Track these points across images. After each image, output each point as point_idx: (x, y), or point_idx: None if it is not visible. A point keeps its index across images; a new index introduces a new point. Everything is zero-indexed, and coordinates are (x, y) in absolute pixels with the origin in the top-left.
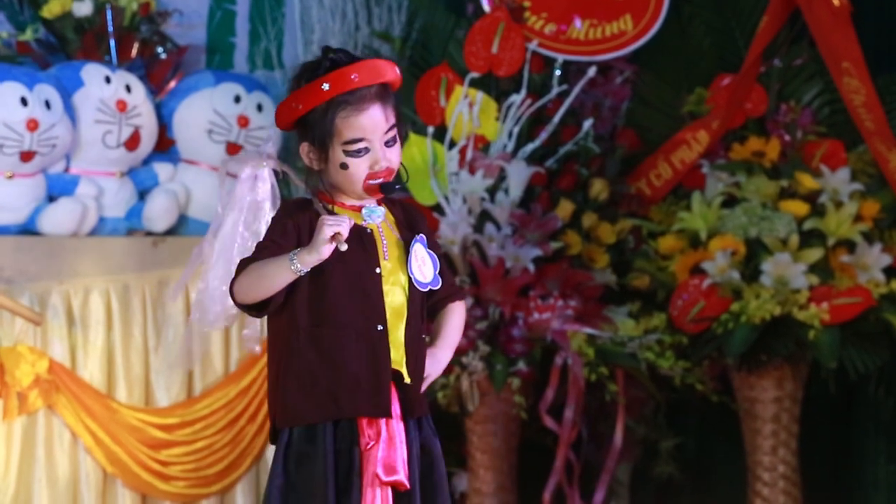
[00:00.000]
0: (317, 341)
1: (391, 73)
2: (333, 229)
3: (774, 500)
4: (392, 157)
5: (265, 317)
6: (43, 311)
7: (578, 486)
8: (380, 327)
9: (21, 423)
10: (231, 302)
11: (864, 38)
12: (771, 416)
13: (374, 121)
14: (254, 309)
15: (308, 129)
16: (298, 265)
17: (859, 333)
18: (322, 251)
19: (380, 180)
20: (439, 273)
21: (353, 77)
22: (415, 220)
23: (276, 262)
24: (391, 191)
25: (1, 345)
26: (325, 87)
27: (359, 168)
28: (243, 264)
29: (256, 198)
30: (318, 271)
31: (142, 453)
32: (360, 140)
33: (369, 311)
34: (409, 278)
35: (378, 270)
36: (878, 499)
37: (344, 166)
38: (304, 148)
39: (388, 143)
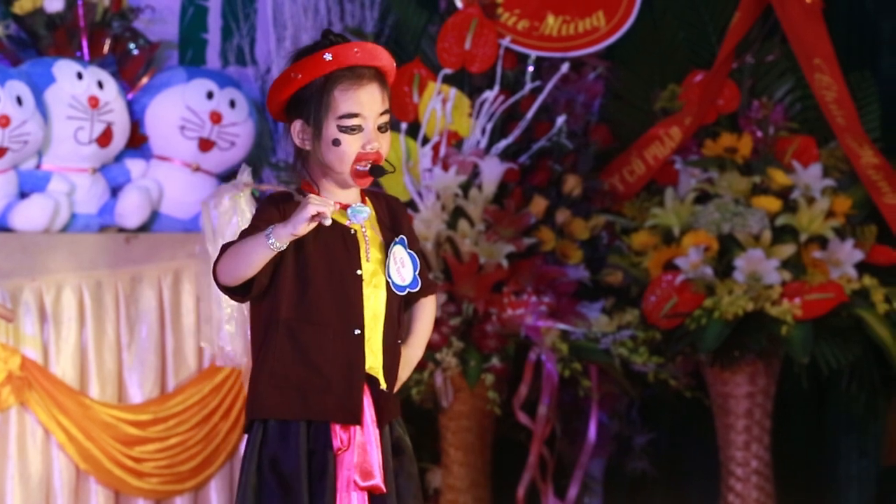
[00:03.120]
0: (294, 336)
1: (389, 59)
2: (318, 208)
3: (747, 496)
4: (383, 144)
5: (248, 302)
6: (15, 308)
7: (552, 482)
8: (357, 331)
9: None
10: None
11: (836, 35)
12: (744, 412)
13: (372, 98)
14: (237, 292)
15: (303, 103)
16: (274, 240)
17: (831, 329)
18: (299, 228)
19: (367, 167)
20: (418, 271)
21: (355, 51)
22: (398, 219)
23: (254, 239)
24: (380, 174)
25: None
26: (328, 56)
27: (350, 147)
28: (225, 247)
29: (238, 226)
30: (303, 265)
31: (115, 450)
32: (356, 115)
33: (348, 313)
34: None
35: (359, 272)
36: (851, 494)
37: (336, 142)
38: (297, 126)
39: (380, 128)
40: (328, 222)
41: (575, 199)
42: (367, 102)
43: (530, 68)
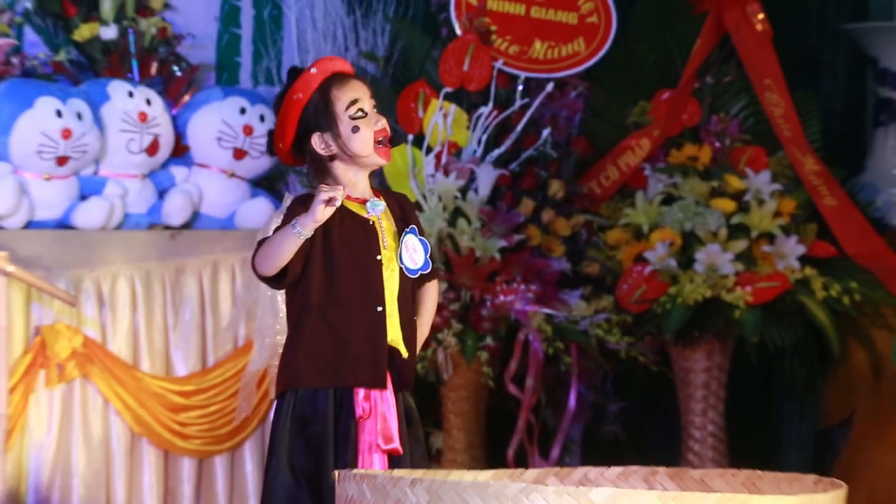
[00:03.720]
0: (325, 317)
1: (350, 67)
2: (329, 193)
3: (704, 455)
4: (383, 120)
5: (283, 289)
6: (77, 295)
7: (537, 444)
8: (379, 308)
9: (60, 390)
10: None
11: (784, 59)
12: (702, 384)
13: (362, 87)
14: (273, 281)
15: (311, 119)
16: (299, 229)
17: (777, 313)
18: (317, 213)
19: (385, 141)
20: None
21: (330, 62)
22: (406, 212)
23: (283, 232)
24: (397, 143)
25: (42, 323)
26: (313, 70)
27: (367, 128)
28: (261, 242)
29: None
30: (329, 255)
31: (164, 416)
32: (357, 101)
33: (370, 293)
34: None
35: (378, 258)
36: (792, 453)
37: (356, 129)
38: (315, 139)
39: (376, 109)
40: (338, 203)
41: (558, 201)
42: (360, 90)
43: (520, 87)
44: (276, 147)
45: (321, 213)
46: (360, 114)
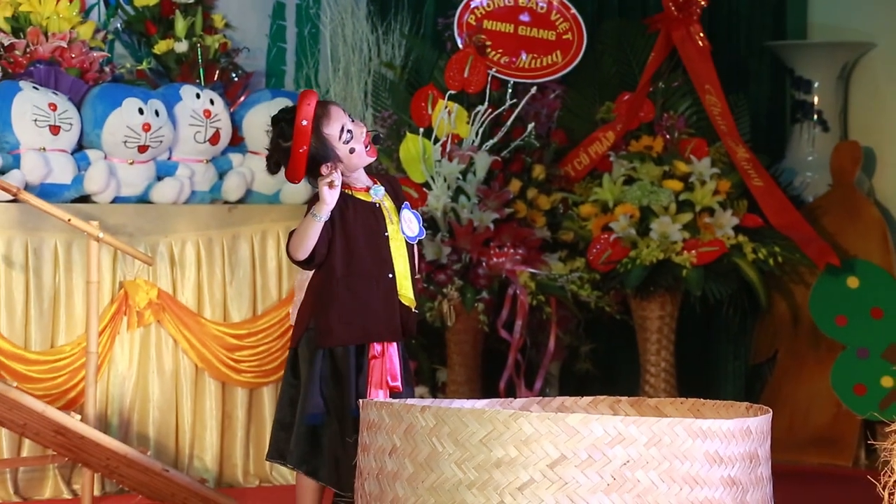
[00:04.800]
0: (349, 287)
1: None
2: (328, 180)
3: (658, 386)
4: (362, 126)
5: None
6: (153, 256)
7: (524, 378)
8: (390, 275)
9: (139, 333)
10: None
11: (720, 69)
12: (656, 329)
13: (337, 109)
14: (304, 263)
15: (317, 157)
16: (315, 213)
17: (716, 271)
18: (325, 197)
19: (370, 144)
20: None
21: (308, 104)
22: (397, 190)
23: (305, 220)
24: (378, 141)
25: (125, 279)
26: (304, 122)
27: (357, 143)
28: (291, 233)
29: None
30: (348, 237)
31: (221, 354)
32: (342, 126)
33: (383, 264)
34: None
35: (386, 234)
36: (728, 384)
37: (352, 150)
38: (324, 168)
39: (352, 120)
40: (338, 183)
41: (540, 182)
42: (339, 115)
43: (510, 90)
44: (288, 177)
45: (329, 196)
46: (349, 136)
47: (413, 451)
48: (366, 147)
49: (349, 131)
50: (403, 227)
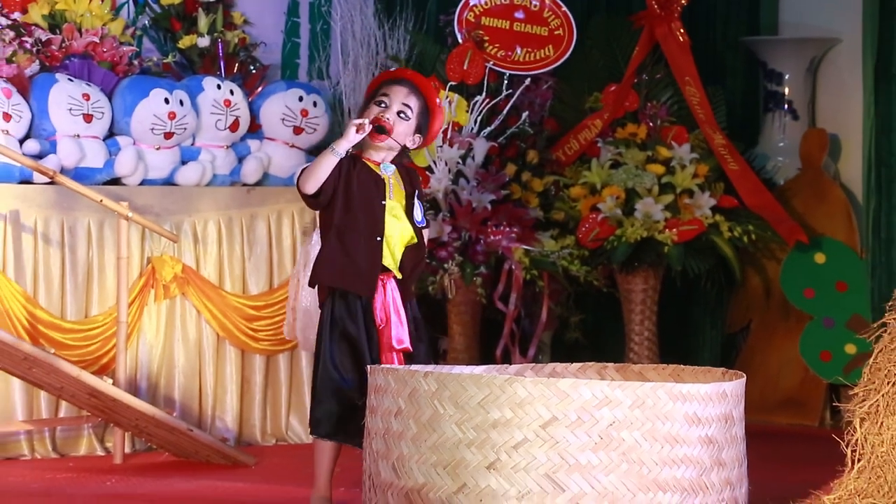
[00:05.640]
0: (341, 237)
1: (414, 75)
2: (357, 122)
3: (641, 353)
4: (398, 124)
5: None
6: (178, 234)
7: (518, 346)
8: (378, 238)
9: (165, 304)
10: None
11: (699, 62)
12: (640, 301)
13: (395, 89)
14: (311, 198)
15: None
16: (335, 148)
17: (695, 248)
18: (350, 134)
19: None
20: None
21: (401, 70)
22: (414, 182)
23: (323, 154)
24: (381, 131)
25: (153, 255)
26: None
27: (371, 113)
28: (303, 169)
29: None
30: (349, 195)
31: (241, 324)
32: (380, 98)
33: (373, 226)
34: (412, 221)
35: (383, 203)
36: (705, 352)
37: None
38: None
39: (399, 114)
40: (368, 129)
41: (534, 166)
42: (394, 91)
43: (506, 81)
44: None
45: (353, 135)
46: (378, 104)
47: (417, 413)
48: (377, 127)
49: (382, 102)
50: (415, 214)
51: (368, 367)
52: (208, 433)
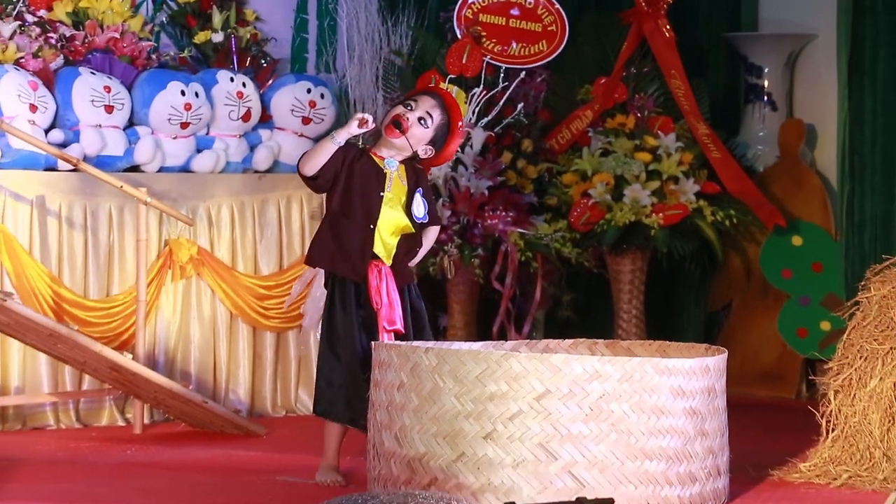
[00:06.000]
0: (337, 223)
1: (441, 92)
2: (360, 116)
3: (629, 331)
4: (415, 128)
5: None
6: (194, 218)
7: (514, 324)
8: (371, 227)
9: (181, 284)
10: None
11: (684, 56)
12: (628, 281)
13: (423, 99)
14: (311, 181)
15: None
16: (334, 135)
17: (680, 231)
18: (352, 126)
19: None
20: (427, 211)
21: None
22: (419, 180)
23: (324, 140)
24: (398, 126)
25: (170, 238)
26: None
27: (395, 110)
28: (304, 154)
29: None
30: (350, 185)
31: (253, 302)
32: (402, 106)
33: (368, 215)
34: (410, 214)
35: (381, 194)
36: (689, 329)
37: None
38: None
39: (420, 119)
40: (369, 126)
41: (528, 154)
42: (422, 100)
43: (502, 74)
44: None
45: (354, 127)
46: (404, 109)
47: (418, 386)
48: (392, 120)
49: (409, 105)
50: (413, 209)
51: (373, 343)
52: (222, 405)
